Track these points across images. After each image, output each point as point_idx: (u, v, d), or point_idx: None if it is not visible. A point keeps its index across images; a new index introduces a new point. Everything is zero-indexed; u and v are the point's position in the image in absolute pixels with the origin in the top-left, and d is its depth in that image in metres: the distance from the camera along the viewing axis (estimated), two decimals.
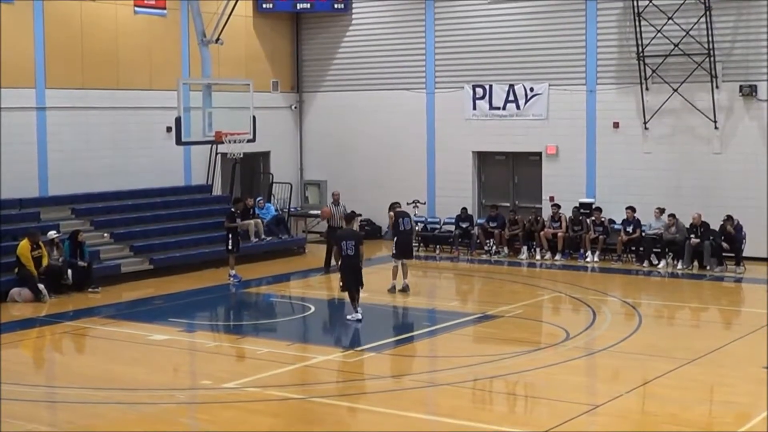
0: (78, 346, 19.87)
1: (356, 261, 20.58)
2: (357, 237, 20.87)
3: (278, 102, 33.72)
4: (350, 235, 20.94)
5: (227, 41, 27.89)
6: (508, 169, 31.32)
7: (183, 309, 22.69)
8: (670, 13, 27.39)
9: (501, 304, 22.42)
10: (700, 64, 27.30)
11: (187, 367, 18.28)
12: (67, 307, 22.48)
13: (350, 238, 20.66)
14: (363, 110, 33.06)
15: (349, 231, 21.39)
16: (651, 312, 22.13)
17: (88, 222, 26.82)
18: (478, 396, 15.95)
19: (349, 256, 20.49)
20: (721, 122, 27.52)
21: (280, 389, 15.89)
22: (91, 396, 15.57)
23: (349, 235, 20.86)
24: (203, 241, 28.03)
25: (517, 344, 18.79)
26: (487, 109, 30.88)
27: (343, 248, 20.51)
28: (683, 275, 26.10)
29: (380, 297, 23.40)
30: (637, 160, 28.74)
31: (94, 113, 28.40)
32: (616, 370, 17.15)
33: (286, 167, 33.78)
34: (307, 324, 21.67)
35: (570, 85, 29.62)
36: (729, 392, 15.65)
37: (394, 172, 32.46)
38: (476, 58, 31.03)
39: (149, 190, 29.30)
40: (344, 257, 20.54)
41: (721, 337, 19.56)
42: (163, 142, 29.38)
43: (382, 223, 32.95)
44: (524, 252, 28.92)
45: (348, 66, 33.46)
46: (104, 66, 28.61)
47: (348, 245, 20.48)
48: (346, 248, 20.48)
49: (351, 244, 20.49)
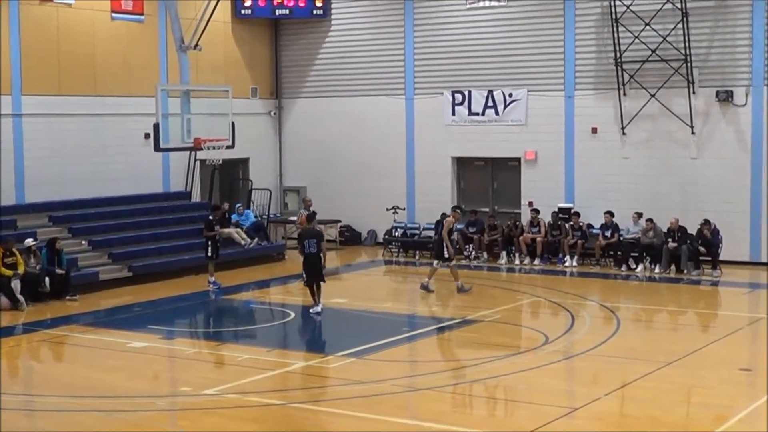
0: (56, 354, 19.79)
1: (317, 258, 21.90)
2: (318, 235, 22.20)
3: (257, 108, 33.70)
4: (312, 234, 22.17)
5: (206, 47, 27.86)
6: (487, 175, 31.39)
7: (162, 316, 22.64)
8: (648, 19, 27.52)
9: (480, 308, 22.45)
10: (677, 70, 27.44)
11: (166, 374, 18.23)
12: (44, 315, 22.38)
13: (312, 237, 21.94)
14: (342, 116, 33.07)
15: (311, 230, 22.51)
16: (629, 315, 22.22)
17: (65, 229, 26.72)
18: (458, 400, 15.97)
19: (312, 253, 21.76)
20: (698, 127, 27.66)
21: (260, 395, 15.88)
22: (70, 404, 15.53)
23: (311, 234, 22.10)
24: (182, 248, 27.94)
25: (496, 348, 18.84)
26: (466, 115, 30.95)
27: (306, 246, 21.73)
28: (661, 279, 26.23)
29: (361, 303, 23.43)
30: (614, 165, 28.86)
31: (71, 120, 28.29)
32: (595, 373, 17.20)
33: (266, 174, 33.76)
34: (287, 330, 21.67)
35: (548, 90, 29.72)
36: (706, 394, 15.75)
37: (373, 178, 32.49)
38: (455, 64, 31.10)
39: (127, 197, 29.20)
40: (306, 255, 21.74)
41: (698, 339, 19.65)
42: (141, 148, 29.27)
43: (362, 229, 33.01)
44: (503, 257, 28.98)
45: (327, 72, 33.47)
46: (81, 72, 28.51)
47: (310, 243, 21.73)
48: (308, 246, 21.72)
49: (313, 242, 21.76)
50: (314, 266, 21.94)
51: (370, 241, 32.92)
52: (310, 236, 22.01)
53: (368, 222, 32.88)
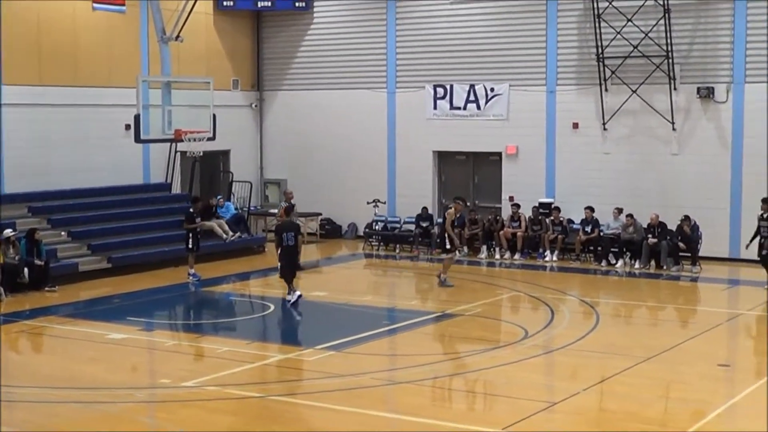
0: (35, 345, 19.73)
1: (295, 250, 22.25)
2: (296, 228, 22.54)
3: (238, 100, 33.64)
4: (290, 226, 22.38)
5: (187, 39, 27.78)
6: (469, 169, 31.41)
7: (141, 308, 22.56)
8: (630, 15, 27.57)
9: (460, 302, 22.48)
10: (659, 66, 27.51)
11: (145, 365, 18.19)
12: (23, 306, 22.29)
13: (290, 230, 22.13)
14: (324, 109, 33.03)
15: (290, 222, 22.73)
16: (609, 311, 22.28)
17: (45, 220, 26.61)
18: (437, 394, 15.99)
19: (290, 246, 21.96)
20: (678, 124, 27.75)
21: (239, 388, 15.86)
22: (49, 395, 15.48)
23: (290, 227, 22.29)
24: (162, 239, 27.86)
25: (476, 342, 18.87)
26: (448, 109, 30.96)
27: (284, 239, 21.88)
28: (640, 274, 26.29)
29: (341, 296, 23.43)
30: (595, 160, 28.92)
31: (52, 110, 28.15)
32: (574, 368, 17.25)
33: (246, 166, 33.70)
34: (267, 323, 21.65)
35: (530, 85, 29.75)
36: (685, 389, 15.82)
37: (354, 172, 32.48)
38: (437, 58, 31.10)
39: (108, 188, 29.10)
40: (284, 247, 21.91)
41: (677, 335, 19.71)
42: (121, 139, 29.18)
43: (342, 222, 33.00)
44: (484, 251, 29.02)
45: (309, 65, 33.43)
46: (62, 63, 28.39)
47: (288, 236, 21.93)
48: (286, 239, 21.90)
49: (291, 235, 21.98)
50: (292, 259, 22.15)
51: (350, 235, 32.92)
52: (289, 229, 22.16)
53: (349, 215, 32.86)
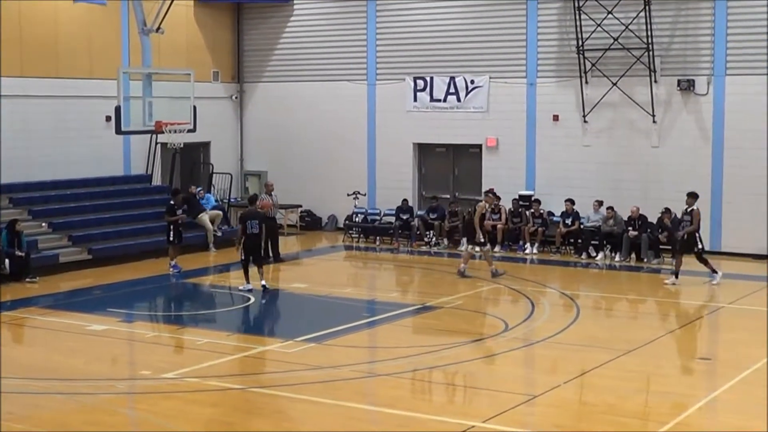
0: (16, 336, 19.67)
1: (259, 239, 22.79)
2: (260, 217, 23.04)
3: (219, 92, 33.59)
4: (255, 215, 22.83)
5: (168, 30, 27.71)
6: (449, 161, 31.45)
7: (122, 299, 22.56)
8: (610, 8, 27.64)
9: (441, 295, 22.53)
10: (639, 59, 27.59)
11: (126, 357, 18.19)
12: (4, 297, 22.21)
13: (254, 218, 22.63)
14: (304, 101, 33.02)
15: (254, 211, 23.21)
16: (589, 303, 22.35)
17: (26, 211, 26.57)
18: (417, 386, 16.03)
19: (254, 234, 22.51)
20: (659, 116, 27.84)
21: (219, 379, 15.87)
22: (30, 386, 15.46)
23: (254, 215, 22.77)
24: (142, 231, 27.86)
25: (456, 335, 18.91)
26: (428, 101, 30.99)
27: (248, 227, 22.38)
28: (621, 267, 26.40)
29: (321, 288, 23.44)
30: (576, 153, 29.00)
31: (33, 102, 28.09)
32: (554, 360, 17.30)
33: (227, 158, 33.67)
34: (247, 315, 21.66)
35: (510, 77, 29.80)
36: (665, 383, 15.88)
37: (334, 163, 32.48)
38: (417, 50, 31.12)
39: (88, 180, 29.07)
40: (248, 235, 22.40)
41: (657, 328, 19.78)
42: (102, 131, 29.16)
43: (322, 214, 33.01)
44: (464, 243, 28.98)
45: (289, 57, 33.40)
46: (43, 54, 28.31)
47: (252, 224, 22.45)
48: (250, 227, 22.40)
49: (255, 224, 22.51)
50: (256, 247, 22.70)
51: (330, 227, 32.92)
52: (253, 217, 22.62)
53: (329, 207, 32.87)
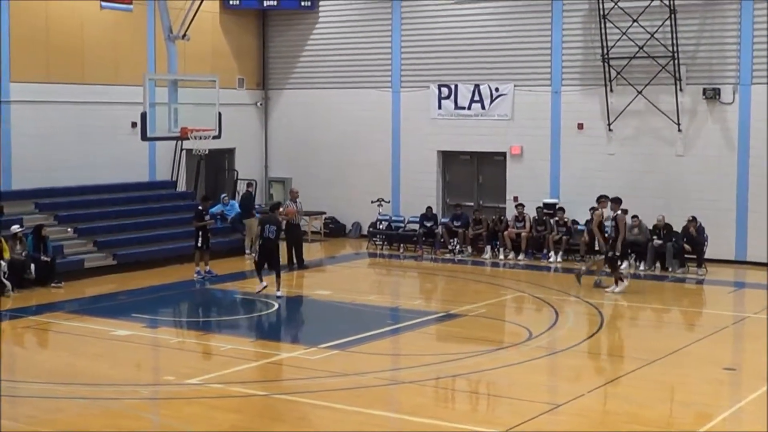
0: (41, 340, 19.78)
1: (275, 243, 22.95)
2: (278, 223, 23.54)
3: (244, 99, 33.67)
4: (273, 220, 23.14)
5: (194, 37, 27.75)
6: (473, 169, 31.42)
7: (146, 305, 22.63)
8: (635, 16, 27.57)
9: (464, 303, 22.50)
10: (665, 67, 27.50)
11: (150, 362, 18.25)
12: (30, 302, 22.38)
13: (272, 224, 22.98)
14: (329, 108, 33.06)
15: (272, 217, 23.42)
16: (613, 312, 22.27)
17: (51, 216, 26.67)
18: (440, 394, 16.01)
19: (270, 239, 22.76)
20: (684, 125, 27.73)
21: (243, 386, 15.90)
22: (54, 391, 15.51)
23: (272, 221, 23.11)
24: (167, 237, 27.93)
25: (479, 343, 18.88)
26: (453, 109, 30.98)
27: (266, 231, 22.78)
28: (645, 276, 26.26)
29: (344, 295, 23.45)
30: (600, 161, 28.91)
31: (59, 107, 28.25)
32: (578, 369, 17.25)
33: (251, 164, 33.74)
34: (271, 321, 21.70)
35: (535, 85, 29.76)
36: (689, 392, 15.80)
37: (359, 171, 32.50)
38: (442, 58, 31.12)
39: (113, 186, 29.17)
40: (265, 239, 22.75)
41: (682, 337, 19.69)
42: (127, 137, 29.28)
43: (346, 221, 33.03)
44: (488, 251, 29.01)
45: (314, 64, 33.46)
46: (70, 60, 28.46)
47: (270, 229, 22.80)
48: (267, 232, 22.77)
49: (273, 229, 22.86)
50: (271, 252, 22.85)
51: (354, 234, 32.94)
52: (272, 223, 22.94)
53: (353, 214, 32.89)
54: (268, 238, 22.64)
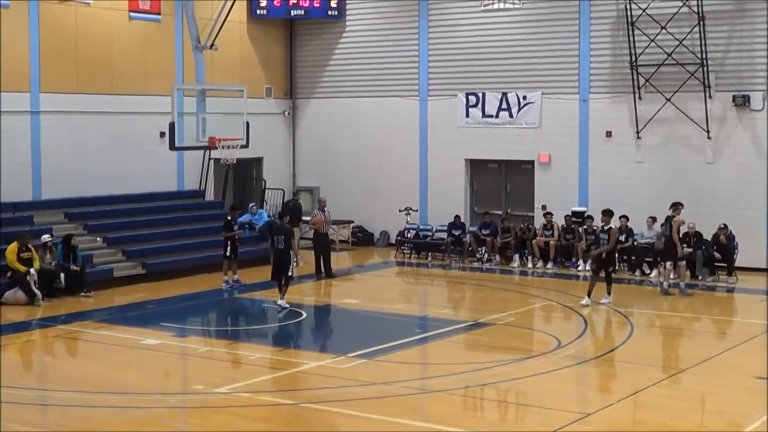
0: (70, 349, 19.87)
1: (285, 254, 22.57)
2: (287, 232, 22.80)
3: (272, 108, 33.75)
4: (282, 230, 22.84)
5: (221, 47, 27.88)
6: (501, 177, 31.37)
7: (175, 314, 22.71)
8: (664, 23, 27.47)
9: (493, 311, 22.45)
10: (693, 74, 27.38)
11: (179, 371, 18.29)
12: (59, 311, 22.50)
13: (281, 234, 22.67)
14: (356, 117, 33.10)
15: (282, 227, 23.15)
16: (642, 321, 22.14)
17: (81, 226, 26.82)
18: (469, 403, 15.97)
19: (279, 249, 22.55)
20: (714, 132, 27.59)
21: (271, 395, 15.93)
22: (83, 399, 15.58)
23: (281, 231, 22.82)
24: (195, 246, 28.02)
25: (508, 352, 18.83)
26: (480, 117, 30.95)
27: (275, 242, 22.64)
28: (675, 284, 26.08)
29: (372, 304, 23.44)
30: (629, 169, 28.81)
31: (88, 117, 28.41)
32: (607, 378, 17.19)
33: (279, 173, 33.81)
34: (299, 330, 21.70)
35: (563, 93, 29.69)
36: (720, 402, 15.69)
37: (386, 179, 32.51)
38: (469, 66, 31.09)
39: (142, 195, 29.30)
40: (276, 250, 22.64)
41: (712, 346, 19.58)
42: (156, 147, 29.42)
43: (374, 229, 33.03)
44: (516, 260, 28.94)
45: (341, 73, 33.51)
46: (99, 70, 28.63)
47: (279, 240, 22.61)
48: (277, 242, 22.62)
49: (281, 239, 22.57)
50: (281, 262, 22.56)
51: (382, 242, 32.93)
52: (280, 233, 22.73)
53: (381, 223, 32.89)
54: (278, 249, 22.54)
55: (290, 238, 22.89)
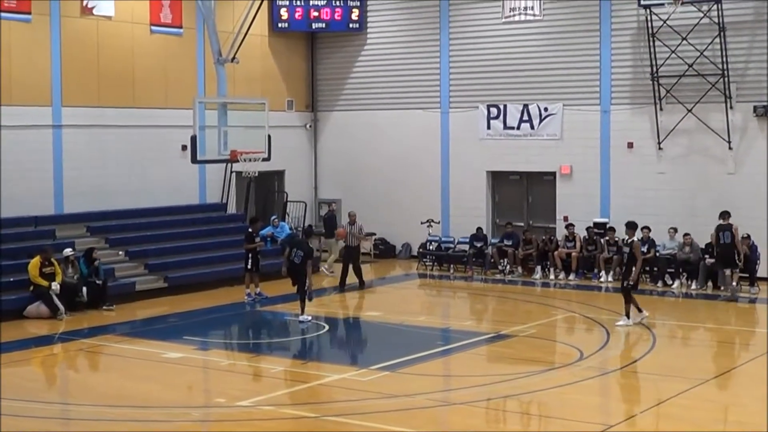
0: (92, 363, 19.93)
1: (300, 269, 22.36)
2: (306, 249, 22.61)
3: (293, 121, 33.83)
4: (302, 245, 22.85)
5: (243, 60, 27.94)
6: (522, 189, 31.35)
7: (197, 327, 22.73)
8: (684, 34, 27.43)
9: (515, 323, 22.42)
10: (714, 85, 27.32)
11: (201, 384, 18.33)
12: (82, 325, 22.56)
13: (300, 248, 22.61)
14: (377, 129, 33.14)
15: (303, 242, 23.29)
16: (665, 332, 22.07)
17: (103, 240, 26.91)
18: (491, 415, 15.95)
19: (294, 263, 22.46)
20: (735, 142, 27.52)
21: (294, 408, 15.92)
22: (106, 413, 15.62)
23: (301, 245, 22.81)
24: (217, 259, 28.09)
25: (531, 364, 18.79)
26: (502, 129, 30.94)
27: (292, 255, 22.50)
28: (697, 295, 26.03)
29: (395, 316, 23.43)
30: (651, 180, 28.74)
31: (110, 131, 28.54)
32: (630, 390, 17.13)
33: (301, 186, 33.87)
34: (322, 342, 21.69)
35: (584, 105, 29.66)
36: (743, 413, 15.63)
37: (408, 191, 32.52)
38: (491, 78, 31.10)
39: (164, 208, 29.37)
40: (291, 263, 22.52)
41: (735, 357, 19.52)
42: (178, 160, 29.52)
43: (396, 242, 33.04)
44: (538, 272, 28.90)
45: (363, 85, 33.57)
46: (120, 84, 28.76)
47: (296, 254, 22.47)
48: (294, 255, 22.47)
49: (300, 254, 22.44)
50: (297, 276, 22.54)
51: (404, 255, 32.93)
52: (299, 247, 22.69)
53: (403, 235, 32.90)
54: (293, 262, 22.46)
55: (309, 257, 22.60)
